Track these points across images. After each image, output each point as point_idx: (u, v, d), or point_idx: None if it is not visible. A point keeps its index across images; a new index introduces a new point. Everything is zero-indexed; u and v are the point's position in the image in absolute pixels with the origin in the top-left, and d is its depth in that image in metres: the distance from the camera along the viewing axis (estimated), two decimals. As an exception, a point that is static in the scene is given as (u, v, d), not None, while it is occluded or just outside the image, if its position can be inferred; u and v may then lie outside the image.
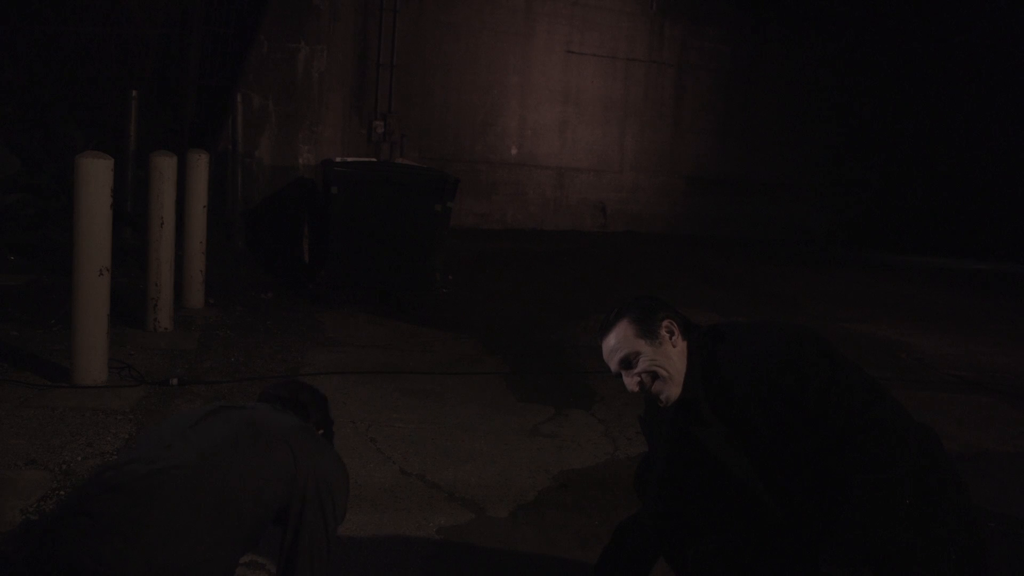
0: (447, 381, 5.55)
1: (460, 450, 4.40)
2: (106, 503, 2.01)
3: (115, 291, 4.97)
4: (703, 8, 14.51)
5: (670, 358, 2.31)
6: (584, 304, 8.23)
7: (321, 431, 2.59)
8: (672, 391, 2.32)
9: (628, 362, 2.34)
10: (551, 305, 8.14)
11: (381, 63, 11.96)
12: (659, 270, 10.61)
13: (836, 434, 2.13)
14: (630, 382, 2.35)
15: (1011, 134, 15.85)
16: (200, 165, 6.65)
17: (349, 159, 8.56)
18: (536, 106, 13.42)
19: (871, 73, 15.42)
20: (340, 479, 2.38)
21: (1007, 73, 15.71)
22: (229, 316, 6.71)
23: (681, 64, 14.54)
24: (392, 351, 6.17)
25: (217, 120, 8.92)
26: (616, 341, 2.35)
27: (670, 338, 2.33)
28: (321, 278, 7.54)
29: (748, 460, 2.28)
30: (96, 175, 4.64)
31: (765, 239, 14.84)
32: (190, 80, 8.98)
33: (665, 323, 2.33)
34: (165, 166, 5.96)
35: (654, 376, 2.31)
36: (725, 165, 14.93)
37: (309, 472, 2.28)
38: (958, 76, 15.78)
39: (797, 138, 15.30)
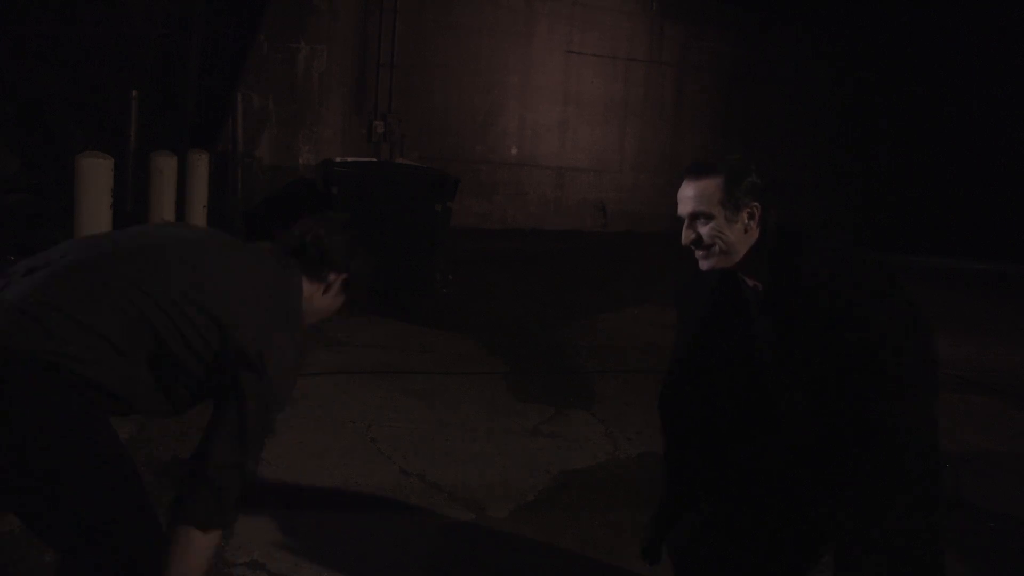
0: (448, 381, 5.54)
1: (460, 450, 4.40)
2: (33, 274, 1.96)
3: (115, 291, 4.96)
4: (703, 8, 14.51)
5: (736, 235, 2.28)
6: (584, 304, 8.23)
7: (342, 276, 2.23)
8: (721, 263, 2.30)
9: (695, 217, 2.29)
10: (551, 305, 8.13)
11: (381, 63, 11.96)
12: (659, 269, 10.60)
13: (856, 400, 2.17)
14: (686, 235, 2.31)
15: (1016, 131, 15.83)
16: (200, 165, 6.66)
17: (349, 159, 8.55)
18: (536, 106, 13.41)
19: (872, 72, 15.41)
20: (286, 360, 2.05)
21: (1014, 70, 15.69)
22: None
23: (681, 64, 14.54)
24: (392, 351, 6.16)
25: (217, 120, 8.91)
26: (696, 193, 2.28)
27: (748, 220, 2.28)
28: (321, 278, 7.54)
29: (778, 355, 2.28)
30: (96, 175, 4.65)
31: (765, 239, 14.83)
32: (190, 80, 8.97)
33: (752, 206, 2.28)
34: (165, 166, 5.96)
35: (711, 244, 2.28)
36: (726, 165, 14.93)
37: (249, 348, 1.97)
38: (962, 73, 15.77)
39: (797, 138, 15.30)
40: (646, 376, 5.97)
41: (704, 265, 2.33)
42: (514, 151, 13.35)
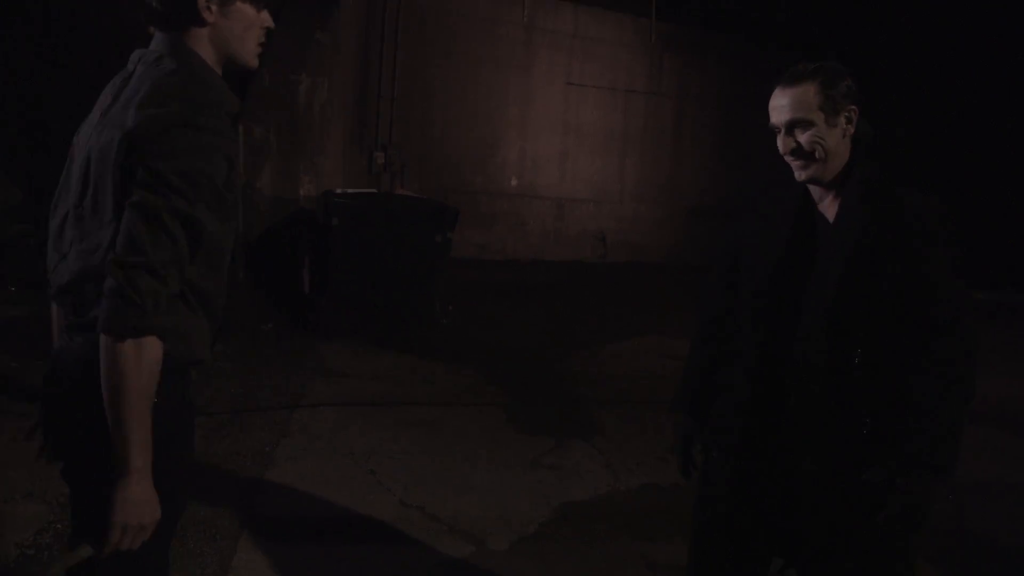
0: (447, 412, 5.53)
1: (460, 482, 4.38)
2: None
3: (115, 322, 4.95)
4: (702, 39, 14.64)
5: (835, 140, 2.21)
6: (584, 335, 8.22)
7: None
8: (819, 173, 2.23)
9: (793, 125, 2.21)
10: (551, 336, 8.13)
11: (382, 94, 12.04)
12: (659, 300, 10.61)
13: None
14: (785, 143, 2.24)
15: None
16: (201, 196, 6.67)
17: (350, 190, 8.58)
18: (536, 137, 13.49)
19: (871, 88, 15.50)
20: (182, 135, 1.70)
21: (1016, 92, 15.73)
22: (229, 346, 6.70)
23: (681, 95, 14.63)
24: (392, 382, 6.15)
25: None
26: (792, 99, 2.20)
27: (846, 124, 2.21)
28: (321, 309, 7.54)
29: (839, 285, 2.18)
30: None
31: (765, 269, 14.83)
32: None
33: (850, 108, 2.21)
34: (166, 197, 5.97)
35: (811, 152, 2.20)
36: (726, 194, 14.98)
37: (134, 150, 1.70)
38: (963, 94, 15.84)
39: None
40: (647, 407, 5.96)
41: (802, 175, 2.24)
42: (514, 182, 13.40)
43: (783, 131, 2.24)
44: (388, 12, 11.91)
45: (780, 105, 2.22)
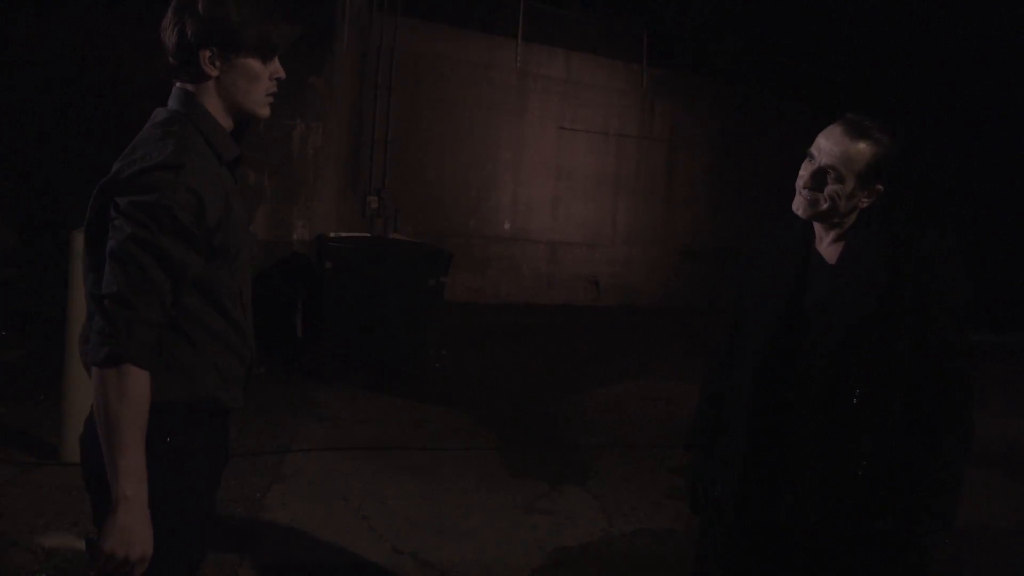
0: (441, 456, 5.49)
1: (454, 527, 4.33)
2: None
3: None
4: (692, 85, 14.79)
5: (848, 208, 2.21)
6: (577, 378, 8.19)
7: (204, 52, 1.85)
8: (814, 217, 2.26)
9: (826, 172, 2.20)
10: (544, 379, 8.10)
11: (376, 139, 12.11)
12: (652, 343, 10.60)
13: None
14: (806, 175, 2.25)
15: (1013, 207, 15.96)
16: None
17: (343, 234, 8.60)
18: (529, 181, 13.56)
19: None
20: (159, 176, 1.74)
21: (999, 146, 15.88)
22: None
23: (672, 139, 14.75)
24: (386, 426, 6.11)
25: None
26: (842, 153, 2.18)
27: (866, 199, 2.21)
28: (314, 352, 7.51)
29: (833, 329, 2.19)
30: (90, 250, 4.64)
31: (758, 312, 14.84)
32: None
33: (878, 189, 2.21)
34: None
35: (820, 201, 2.22)
36: (718, 237, 15.04)
37: (115, 183, 1.76)
38: (950, 141, 15.99)
39: (788, 208, 15.44)
40: (640, 450, 5.92)
41: (805, 211, 2.27)
42: (507, 225, 13.45)
43: (814, 165, 2.23)
44: (382, 57, 12.03)
45: (829, 149, 2.21)
